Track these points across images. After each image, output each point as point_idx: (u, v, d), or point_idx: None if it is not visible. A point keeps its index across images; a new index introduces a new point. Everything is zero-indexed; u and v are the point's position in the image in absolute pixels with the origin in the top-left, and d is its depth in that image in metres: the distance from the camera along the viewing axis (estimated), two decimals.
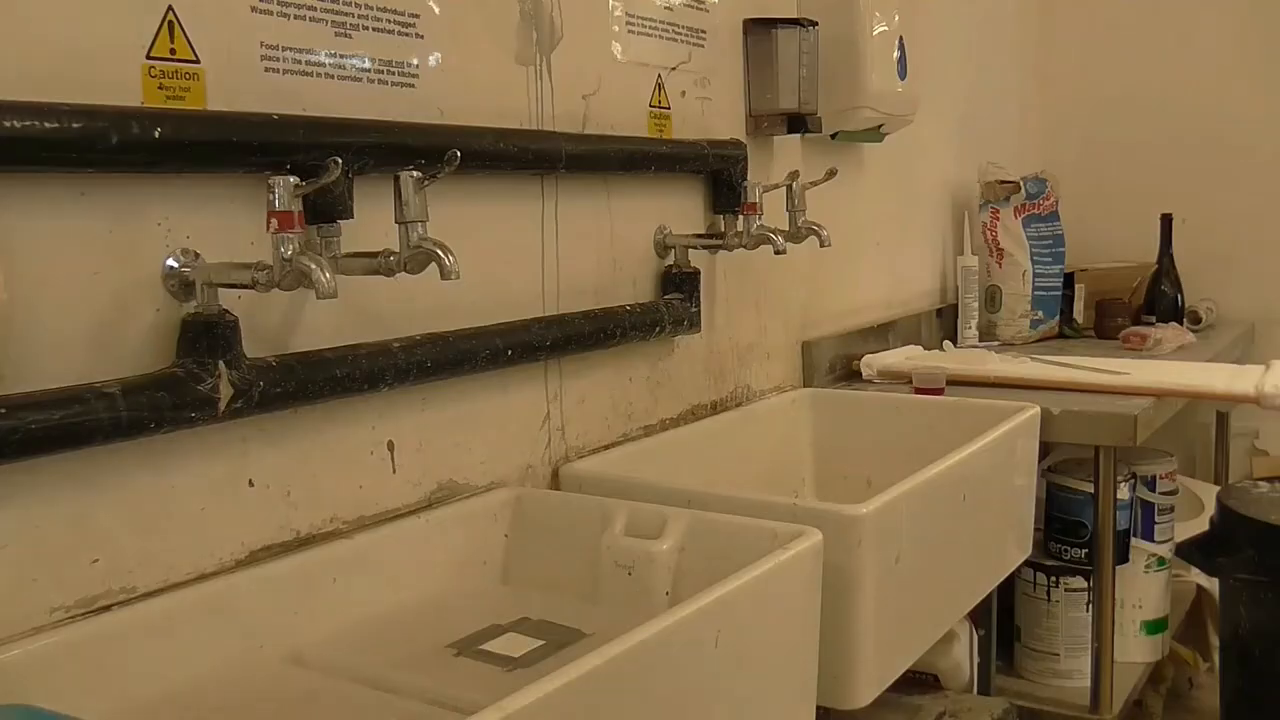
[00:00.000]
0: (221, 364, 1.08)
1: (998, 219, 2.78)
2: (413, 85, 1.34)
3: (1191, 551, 2.26)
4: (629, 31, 1.69)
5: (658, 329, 1.69)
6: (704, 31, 1.85)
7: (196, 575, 1.13)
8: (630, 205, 1.71)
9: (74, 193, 1.02)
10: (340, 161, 1.07)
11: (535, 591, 1.36)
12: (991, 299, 2.79)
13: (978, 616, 2.03)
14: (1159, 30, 3.28)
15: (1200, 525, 2.35)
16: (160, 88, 1.07)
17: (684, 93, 1.82)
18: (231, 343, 1.09)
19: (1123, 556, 2.24)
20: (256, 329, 1.16)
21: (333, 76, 1.24)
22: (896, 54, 2.18)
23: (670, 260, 1.79)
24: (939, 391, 2.08)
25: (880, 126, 2.23)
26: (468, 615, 1.29)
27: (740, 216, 1.79)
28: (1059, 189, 2.89)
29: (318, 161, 1.09)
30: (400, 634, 1.24)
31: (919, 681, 1.97)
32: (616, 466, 1.60)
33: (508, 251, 1.50)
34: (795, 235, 1.82)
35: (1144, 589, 2.35)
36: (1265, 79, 3.13)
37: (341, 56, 1.25)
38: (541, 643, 1.20)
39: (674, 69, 1.79)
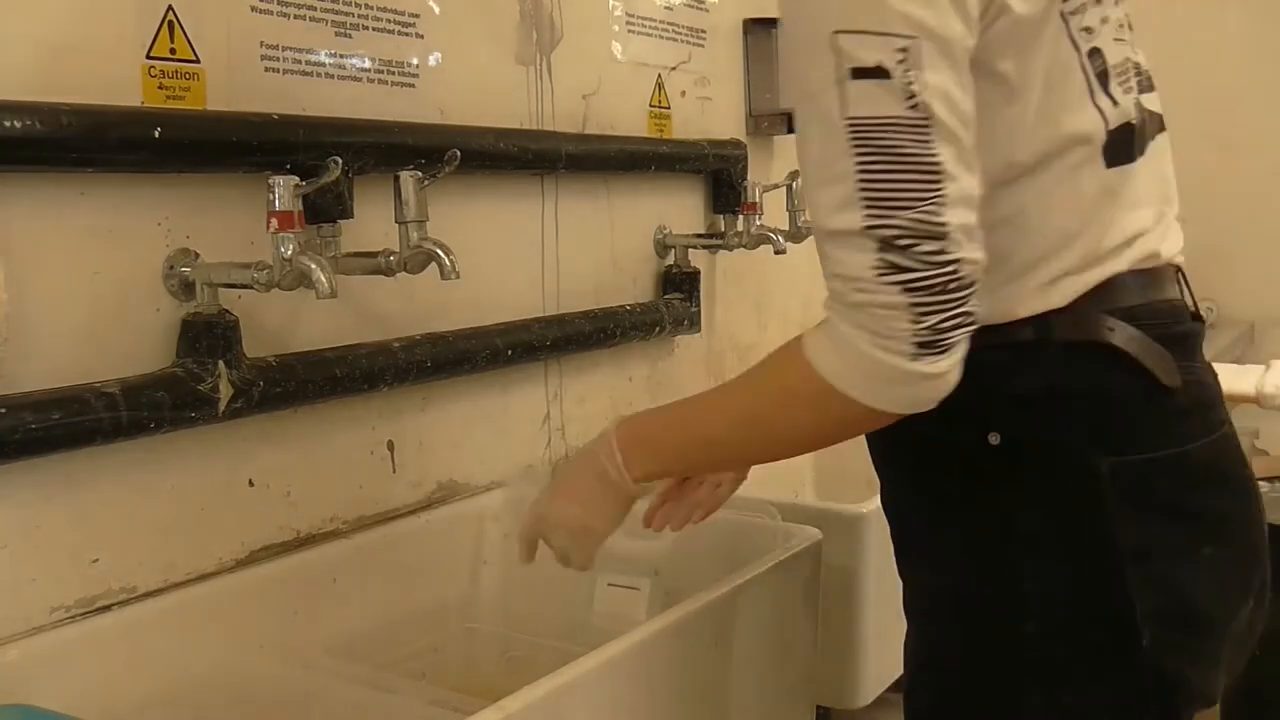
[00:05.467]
0: (221, 364, 1.08)
1: None
2: (413, 85, 1.34)
3: None
4: (629, 31, 1.68)
5: (658, 329, 1.69)
6: (704, 31, 1.85)
7: (196, 575, 1.13)
8: (630, 205, 1.71)
9: (74, 192, 1.02)
10: (340, 161, 1.08)
11: (535, 591, 1.36)
12: None
13: None
14: (1159, 29, 3.28)
15: None
16: (160, 88, 1.07)
17: (684, 93, 1.81)
18: (231, 343, 1.09)
19: None
20: (256, 329, 1.16)
21: (333, 76, 1.24)
22: None
23: (670, 260, 1.79)
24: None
25: None
26: (467, 615, 1.29)
27: (740, 216, 1.79)
28: None
29: (318, 161, 1.09)
30: (400, 634, 1.24)
31: None
32: None
33: (508, 251, 1.50)
34: (795, 235, 1.81)
35: None
36: (1266, 79, 3.13)
37: (341, 56, 1.25)
38: (542, 642, 1.20)
39: (674, 69, 1.79)
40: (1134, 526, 0.82)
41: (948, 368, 0.75)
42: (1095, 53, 0.84)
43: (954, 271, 0.73)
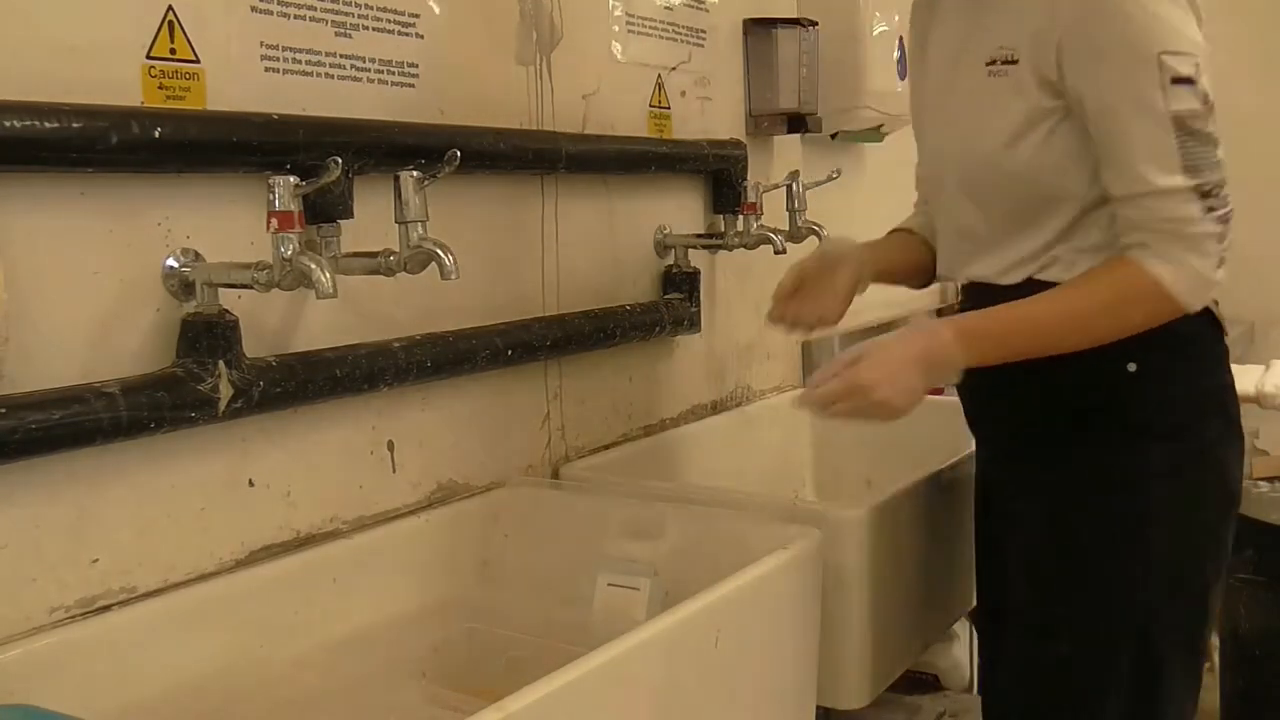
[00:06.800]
0: (221, 364, 1.08)
1: None
2: (413, 85, 1.34)
3: None
4: (629, 31, 1.68)
5: (658, 329, 1.69)
6: (704, 31, 1.85)
7: (196, 575, 1.13)
8: (630, 205, 1.71)
9: (74, 193, 1.02)
10: (340, 161, 1.07)
11: (535, 591, 1.36)
12: None
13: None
14: None
15: None
16: (160, 88, 1.07)
17: (684, 93, 1.81)
18: (231, 343, 1.09)
19: None
20: (256, 329, 1.16)
21: (333, 76, 1.24)
22: (896, 54, 2.18)
23: (670, 260, 1.78)
24: (939, 391, 2.08)
25: (880, 126, 2.22)
26: (467, 615, 1.29)
27: (740, 216, 1.79)
28: None
29: (318, 161, 1.09)
30: (400, 634, 1.24)
31: (919, 681, 1.97)
32: (616, 466, 1.60)
33: (508, 251, 1.50)
34: (795, 235, 1.81)
35: None
36: (1265, 80, 3.13)
37: (341, 56, 1.25)
38: (542, 642, 1.20)
39: (674, 69, 1.78)
40: (1212, 421, 1.25)
41: (1222, 282, 1.15)
42: None
43: (1230, 206, 1.13)
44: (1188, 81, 1.09)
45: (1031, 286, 1.21)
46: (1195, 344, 1.22)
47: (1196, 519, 1.22)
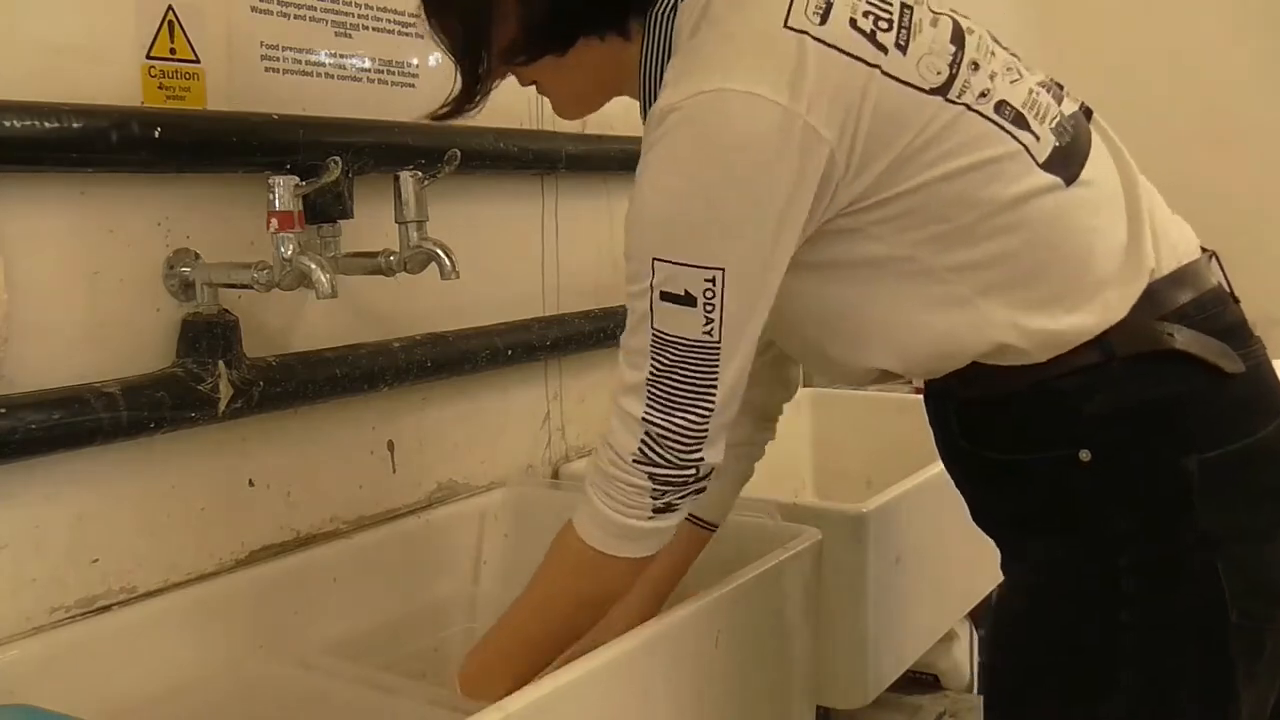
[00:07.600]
0: (221, 364, 1.08)
1: None
2: (413, 85, 1.34)
3: None
4: None
5: None
6: None
7: (196, 575, 1.13)
8: None
9: (74, 192, 1.02)
10: (340, 161, 1.08)
11: None
12: None
13: (978, 616, 2.03)
14: (1157, 28, 3.28)
15: None
16: (160, 88, 1.07)
17: None
18: (231, 343, 1.09)
19: None
20: (256, 329, 1.16)
21: (333, 76, 1.24)
22: None
23: None
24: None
25: None
26: (467, 615, 1.29)
27: None
28: None
29: (318, 161, 1.09)
30: (400, 634, 1.24)
31: (919, 681, 1.97)
32: None
33: (508, 251, 1.50)
34: None
35: None
36: (1267, 79, 3.13)
37: (341, 56, 1.25)
38: None
39: None
40: (1221, 516, 0.87)
41: (679, 521, 0.92)
42: (1002, 105, 0.89)
43: (694, 471, 0.88)
44: (684, 300, 0.84)
45: None
46: (1179, 408, 0.88)
47: (1184, 656, 0.88)
